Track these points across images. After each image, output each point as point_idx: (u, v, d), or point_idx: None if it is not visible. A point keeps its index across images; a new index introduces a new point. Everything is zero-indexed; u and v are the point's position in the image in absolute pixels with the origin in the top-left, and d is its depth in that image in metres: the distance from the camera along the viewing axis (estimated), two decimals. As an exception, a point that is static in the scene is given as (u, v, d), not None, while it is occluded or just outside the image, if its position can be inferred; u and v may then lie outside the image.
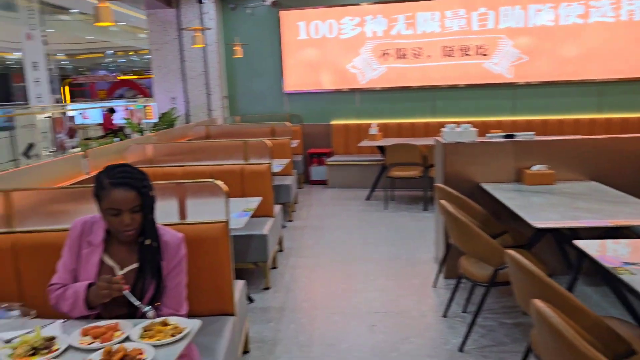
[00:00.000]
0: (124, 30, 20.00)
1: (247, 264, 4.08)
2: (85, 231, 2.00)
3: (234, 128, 7.09)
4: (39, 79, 15.28)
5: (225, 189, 2.50)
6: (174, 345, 1.65)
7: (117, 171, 1.92)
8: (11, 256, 2.45)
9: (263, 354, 3.10)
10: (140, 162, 4.55)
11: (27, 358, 1.58)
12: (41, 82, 15.28)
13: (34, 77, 15.18)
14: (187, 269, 2.12)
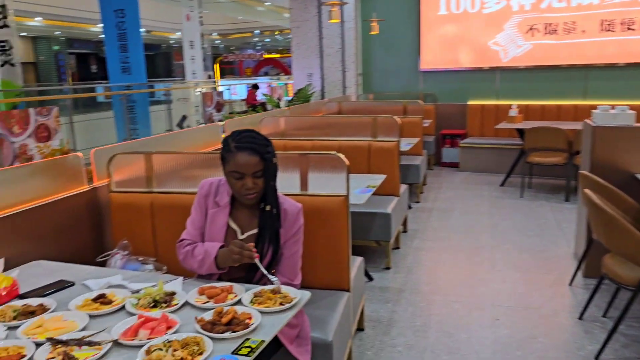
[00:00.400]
0: (270, 10, 20.85)
1: (369, 242, 4.04)
2: (212, 192, 2.08)
3: (365, 105, 7.04)
4: (194, 57, 16.54)
5: (347, 163, 2.46)
6: (281, 314, 1.65)
7: (243, 135, 1.95)
8: (150, 214, 2.66)
9: (377, 333, 3.05)
10: (272, 134, 4.70)
11: (148, 309, 1.68)
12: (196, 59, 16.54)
13: (190, 55, 16.48)
14: (303, 240, 2.12)
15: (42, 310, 1.71)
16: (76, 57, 26.71)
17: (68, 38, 24.91)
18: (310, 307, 2.30)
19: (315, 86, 8.20)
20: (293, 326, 2.05)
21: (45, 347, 1.45)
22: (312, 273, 2.48)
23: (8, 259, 2.21)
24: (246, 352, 1.42)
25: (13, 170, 2.49)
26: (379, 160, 4.25)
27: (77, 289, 1.94)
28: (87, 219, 2.68)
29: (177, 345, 1.39)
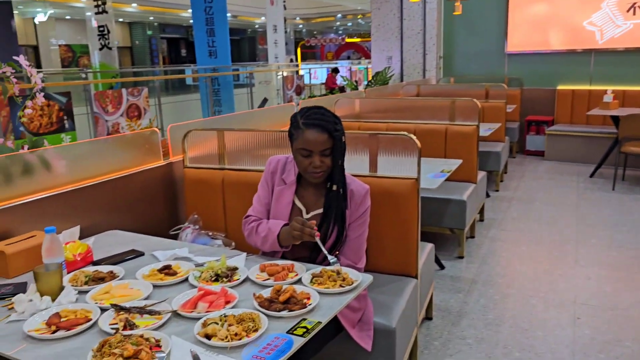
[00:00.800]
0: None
1: (443, 229, 3.90)
2: (279, 169, 2.06)
3: (445, 88, 6.79)
4: (277, 41, 16.78)
5: (418, 144, 2.35)
6: (341, 296, 1.60)
7: (312, 112, 1.91)
8: (221, 190, 2.69)
9: (446, 324, 2.93)
10: (347, 116, 4.64)
11: (210, 282, 1.69)
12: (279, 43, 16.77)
13: (273, 39, 16.73)
14: (369, 223, 2.05)
15: (111, 277, 1.77)
16: (167, 42, 27.98)
17: (160, 23, 26.11)
18: (375, 292, 2.24)
19: (394, 69, 8.02)
20: (355, 310, 2.00)
21: (109, 312, 1.50)
22: (378, 257, 2.42)
23: (87, 228, 2.32)
24: (301, 333, 1.38)
25: (93, 144, 2.60)
26: (456, 144, 4.07)
27: (146, 258, 1.99)
28: (162, 193, 2.76)
29: (233, 320, 1.38)
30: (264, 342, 1.34)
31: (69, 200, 2.29)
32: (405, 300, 2.25)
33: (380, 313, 2.12)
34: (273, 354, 1.29)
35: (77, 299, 1.62)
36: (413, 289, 2.37)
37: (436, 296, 3.26)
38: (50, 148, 2.44)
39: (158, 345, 1.32)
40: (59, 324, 1.43)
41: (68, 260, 1.85)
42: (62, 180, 2.33)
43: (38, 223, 2.12)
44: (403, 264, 2.43)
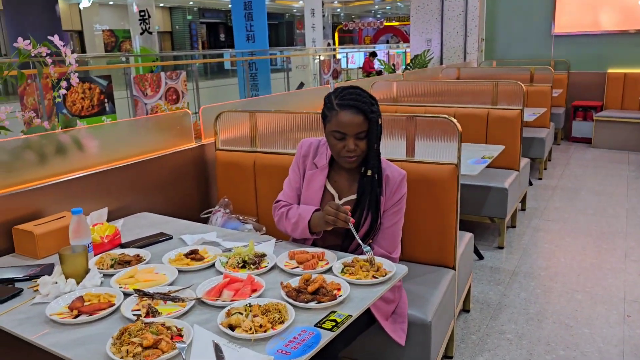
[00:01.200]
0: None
1: (482, 218, 3.74)
2: (311, 152, 1.96)
3: (487, 72, 6.53)
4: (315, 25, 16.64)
5: (459, 128, 2.21)
6: (373, 287, 1.51)
7: (347, 92, 1.79)
8: (252, 173, 2.63)
9: (484, 317, 2.81)
10: (383, 99, 4.50)
11: (236, 269, 1.63)
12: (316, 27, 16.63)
13: (310, 23, 16.61)
14: (405, 210, 1.94)
15: (138, 260, 1.72)
16: (207, 27, 28.19)
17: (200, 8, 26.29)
18: (410, 283, 2.14)
19: (433, 52, 7.78)
20: (389, 301, 1.90)
21: (132, 298, 1.45)
22: (414, 246, 2.31)
23: (117, 209, 2.30)
24: (330, 327, 1.30)
25: (125, 124, 2.57)
26: (498, 130, 3.89)
27: (174, 242, 1.95)
28: (193, 176, 2.71)
29: (258, 311, 1.31)
30: (290, 335, 1.26)
31: (99, 181, 2.26)
32: (442, 292, 2.14)
33: (416, 305, 2.02)
34: (299, 348, 1.21)
35: (102, 282, 1.58)
36: (450, 281, 2.26)
37: (474, 288, 3.13)
38: (83, 128, 2.42)
39: (180, 334, 1.26)
40: (81, 308, 1.39)
41: (95, 242, 1.81)
42: (93, 160, 2.30)
43: (68, 204, 2.10)
44: (440, 254, 2.31)
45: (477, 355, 2.47)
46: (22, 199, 1.97)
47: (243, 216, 2.53)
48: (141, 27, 13.61)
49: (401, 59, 15.32)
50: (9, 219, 1.91)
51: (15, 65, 2.40)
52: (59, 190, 2.11)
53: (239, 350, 1.20)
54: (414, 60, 7.45)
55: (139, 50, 13.13)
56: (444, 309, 2.18)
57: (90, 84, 6.09)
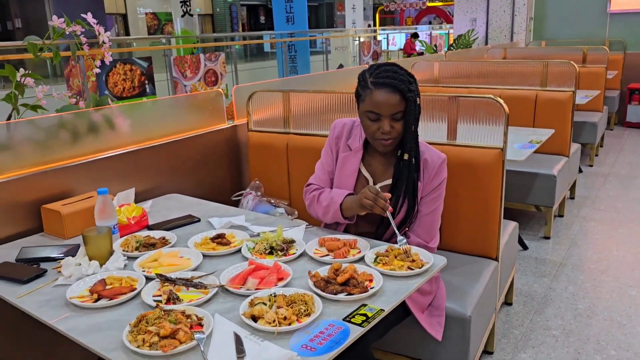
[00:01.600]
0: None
1: (527, 206, 3.55)
2: (344, 133, 1.85)
3: (536, 52, 6.21)
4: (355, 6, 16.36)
5: (506, 110, 2.06)
6: (409, 279, 1.40)
7: (383, 69, 1.66)
8: (285, 155, 2.54)
9: (528, 310, 2.65)
10: (424, 80, 4.32)
11: (263, 255, 1.55)
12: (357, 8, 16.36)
13: (351, 4, 16.33)
14: (445, 197, 1.81)
15: (163, 243, 1.66)
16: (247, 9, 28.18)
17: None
18: (449, 274, 2.01)
19: (478, 32, 7.47)
20: (425, 293, 1.79)
21: (154, 283, 1.39)
22: (454, 236, 2.18)
23: (147, 190, 2.25)
24: (360, 321, 1.20)
25: (156, 103, 2.52)
26: (548, 113, 3.67)
27: (202, 225, 1.88)
28: (225, 157, 2.65)
29: (282, 302, 1.22)
30: (317, 329, 1.17)
31: (129, 161, 2.22)
32: (483, 285, 2.01)
33: (454, 298, 1.89)
34: (325, 344, 1.11)
35: (126, 265, 1.53)
36: (493, 272, 2.12)
37: (518, 280, 2.97)
38: (114, 107, 2.38)
39: (200, 324, 1.19)
40: (102, 292, 1.34)
41: (121, 223, 1.76)
42: (123, 140, 2.26)
43: (98, 183, 2.06)
44: (482, 244, 2.17)
45: (520, 351, 2.33)
46: (52, 177, 1.94)
47: (275, 199, 2.45)
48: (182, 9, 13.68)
49: (444, 40, 14.90)
50: (39, 197, 1.89)
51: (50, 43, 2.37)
52: (89, 169, 2.07)
53: (261, 344, 1.12)
54: (457, 40, 7.17)
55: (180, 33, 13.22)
56: (485, 303, 2.05)
57: (132, 66, 6.12)
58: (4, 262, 1.58)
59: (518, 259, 3.21)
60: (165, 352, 1.07)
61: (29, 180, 1.88)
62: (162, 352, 1.07)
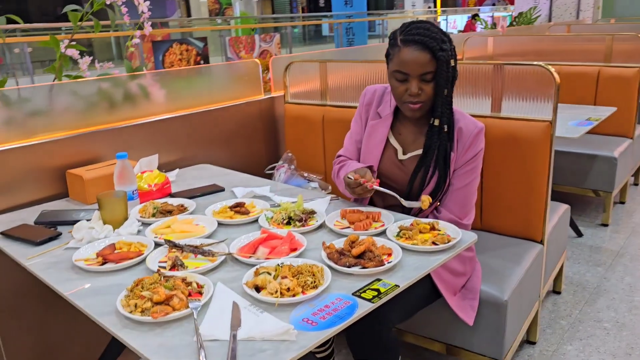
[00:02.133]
0: None
1: (584, 191, 3.29)
2: (375, 100, 1.72)
3: (602, 28, 5.77)
4: (415, -13, 15.95)
5: (557, 79, 1.86)
6: (431, 255, 1.27)
7: (414, 27, 1.51)
8: (321, 128, 2.44)
9: (577, 301, 2.45)
10: (476, 57, 4.09)
11: (281, 225, 1.46)
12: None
13: (411, -14, 15.94)
14: (484, 170, 1.66)
15: (180, 211, 1.61)
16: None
17: (301, -27, 26.19)
18: (487, 256, 1.87)
19: (540, 9, 7.05)
20: (458, 274, 1.66)
21: (161, 249, 1.33)
22: (496, 215, 2.02)
23: (179, 160, 2.22)
24: (370, 297, 1.09)
25: (192, 71, 2.48)
26: (610, 90, 3.37)
27: (224, 194, 1.82)
28: (260, 129, 2.58)
29: (288, 272, 1.13)
30: (322, 302, 1.08)
31: (162, 129, 2.18)
32: (525, 268, 1.85)
33: (491, 281, 1.75)
34: (328, 319, 1.02)
35: (140, 231, 1.48)
36: (536, 256, 1.95)
37: (568, 267, 2.76)
38: (148, 73, 2.35)
39: (200, 292, 1.12)
40: (108, 256, 1.30)
41: (142, 190, 1.73)
42: (158, 108, 2.23)
43: (127, 151, 2.03)
44: (526, 226, 2.00)
45: (566, 343, 2.15)
46: (81, 143, 1.93)
47: (308, 173, 2.36)
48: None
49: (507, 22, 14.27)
50: (67, 162, 1.88)
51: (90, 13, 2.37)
52: (119, 136, 2.05)
53: (260, 315, 1.04)
54: (517, 18, 6.79)
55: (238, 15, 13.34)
56: (526, 288, 1.89)
57: (188, 46, 6.17)
58: (23, 224, 1.57)
59: (570, 246, 2.99)
60: (155, 319, 1.01)
61: (58, 145, 1.87)
62: (152, 319, 1.01)
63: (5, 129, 1.80)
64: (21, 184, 1.78)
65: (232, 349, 0.93)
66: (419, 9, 16.32)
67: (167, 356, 0.94)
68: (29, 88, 2.03)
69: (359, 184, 1.47)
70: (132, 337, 1.00)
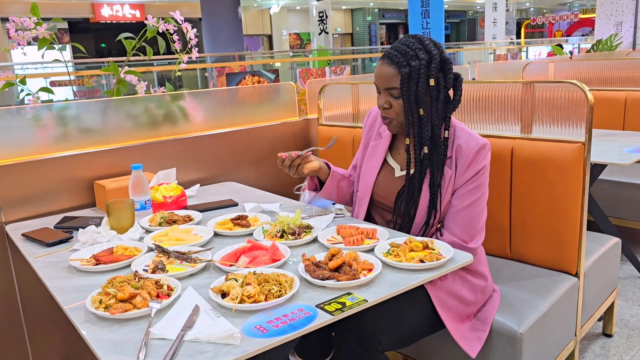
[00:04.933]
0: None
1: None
2: (378, 120, 1.70)
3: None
4: (496, 20, 15.68)
5: (591, 99, 1.74)
6: (414, 273, 1.21)
7: (397, 41, 1.51)
8: (351, 150, 2.42)
9: (632, 345, 2.22)
10: (538, 84, 3.90)
11: (275, 238, 1.45)
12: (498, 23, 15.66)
13: (492, 18, 15.70)
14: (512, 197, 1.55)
15: (185, 221, 1.65)
16: (386, 27, 28.45)
17: (380, 9, 26.61)
18: (511, 286, 1.74)
19: (622, 37, 6.66)
20: (467, 302, 1.55)
21: (151, 253, 1.36)
22: (525, 244, 1.89)
23: (207, 178, 2.28)
24: (333, 309, 1.05)
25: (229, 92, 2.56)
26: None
27: (238, 209, 1.84)
28: (294, 150, 2.59)
29: (253, 280, 1.12)
30: (282, 311, 1.05)
31: (193, 147, 2.26)
32: (551, 301, 1.70)
33: (508, 312, 1.62)
34: (281, 327, 0.99)
35: (142, 238, 1.53)
36: (568, 290, 1.79)
37: (626, 309, 2.50)
38: (185, 93, 2.45)
39: (169, 294, 1.13)
40: (101, 258, 1.35)
41: (156, 200, 1.79)
42: (192, 126, 2.32)
43: (159, 166, 2.11)
44: (558, 256, 1.85)
45: (608, 390, 1.94)
46: (113, 156, 2.04)
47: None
48: (319, 27, 14.22)
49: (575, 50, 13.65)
50: (98, 174, 1.99)
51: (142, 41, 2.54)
52: (152, 151, 2.15)
53: (215, 319, 1.03)
54: (596, 45, 6.45)
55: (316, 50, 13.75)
56: (553, 324, 1.73)
57: (260, 77, 6.44)
58: (44, 227, 1.67)
59: (632, 287, 2.72)
60: (112, 315, 1.02)
61: (90, 157, 1.99)
62: (109, 314, 1.02)
63: (42, 141, 1.95)
64: (55, 192, 1.91)
65: (174, 348, 0.92)
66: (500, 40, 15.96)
67: (112, 350, 0.95)
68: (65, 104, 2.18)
69: (283, 160, 1.58)
70: (90, 330, 1.02)
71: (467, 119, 2.06)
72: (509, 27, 21.69)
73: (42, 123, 1.98)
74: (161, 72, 7.75)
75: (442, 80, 1.45)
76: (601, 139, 2.66)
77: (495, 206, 1.86)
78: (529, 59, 14.44)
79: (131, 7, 17.55)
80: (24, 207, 1.84)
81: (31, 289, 1.87)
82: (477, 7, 27.87)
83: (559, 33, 25.54)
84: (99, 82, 7.38)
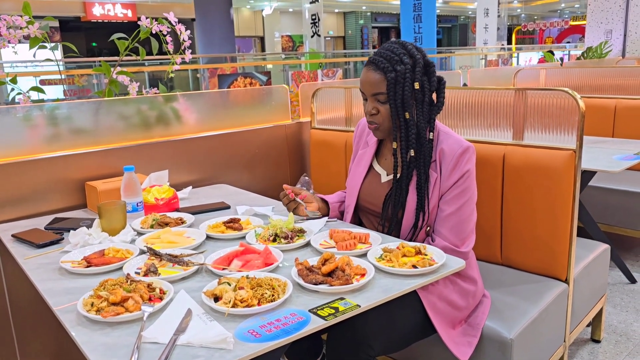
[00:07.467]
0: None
1: (638, 233, 3.04)
2: (366, 129, 1.71)
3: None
4: (488, 25, 15.79)
5: (582, 107, 1.75)
6: (406, 278, 1.21)
7: (381, 47, 1.52)
8: (344, 154, 2.43)
9: (619, 351, 2.24)
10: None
11: (267, 242, 1.45)
12: (489, 28, 15.77)
13: (483, 24, 15.80)
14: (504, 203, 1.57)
15: (177, 223, 1.64)
16: (378, 31, 28.54)
17: (372, 12, 26.70)
18: (501, 291, 1.75)
19: (612, 45, 6.74)
20: (457, 307, 1.56)
21: (144, 256, 1.36)
22: (515, 250, 1.90)
23: (199, 180, 2.27)
24: (326, 314, 1.05)
25: (221, 94, 2.55)
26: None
27: (230, 212, 1.84)
28: (286, 154, 2.60)
29: (246, 284, 1.11)
30: (275, 316, 1.05)
31: (185, 149, 2.25)
32: (541, 307, 1.71)
33: (498, 318, 1.63)
34: (274, 332, 0.99)
35: (134, 240, 1.52)
36: (558, 296, 1.80)
37: (614, 315, 2.53)
38: (177, 95, 2.44)
39: (161, 297, 1.12)
40: (92, 260, 1.34)
41: (148, 202, 1.78)
42: (185, 128, 2.31)
43: (151, 167, 2.10)
44: (549, 262, 1.86)
45: (596, 396, 1.96)
46: (105, 157, 2.03)
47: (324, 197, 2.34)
48: (312, 30, 14.24)
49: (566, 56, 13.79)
50: (89, 175, 1.97)
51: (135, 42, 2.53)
52: (144, 153, 2.14)
53: (208, 324, 1.02)
54: (586, 53, 6.52)
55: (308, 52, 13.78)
56: (543, 329, 1.74)
57: (252, 79, 6.43)
58: (34, 228, 1.66)
59: (620, 293, 2.75)
60: (104, 318, 1.02)
61: (82, 158, 1.98)
62: (101, 317, 1.02)
63: (33, 141, 1.93)
64: (45, 193, 1.89)
65: (166, 352, 0.92)
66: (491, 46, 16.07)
67: (103, 354, 0.94)
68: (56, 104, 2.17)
69: (285, 194, 1.61)
70: (82, 333, 1.01)
71: (459, 125, 2.07)
72: (500, 32, 21.86)
73: (33, 123, 1.96)
74: (152, 72, 7.70)
75: (426, 83, 1.48)
76: (591, 146, 2.69)
77: (486, 211, 1.88)
78: (519, 64, 14.56)
79: (123, 6, 17.47)
80: (14, 207, 1.82)
81: (20, 291, 1.85)
82: (469, 12, 28.06)
83: (549, 40, 25.78)
84: (90, 82, 7.33)
